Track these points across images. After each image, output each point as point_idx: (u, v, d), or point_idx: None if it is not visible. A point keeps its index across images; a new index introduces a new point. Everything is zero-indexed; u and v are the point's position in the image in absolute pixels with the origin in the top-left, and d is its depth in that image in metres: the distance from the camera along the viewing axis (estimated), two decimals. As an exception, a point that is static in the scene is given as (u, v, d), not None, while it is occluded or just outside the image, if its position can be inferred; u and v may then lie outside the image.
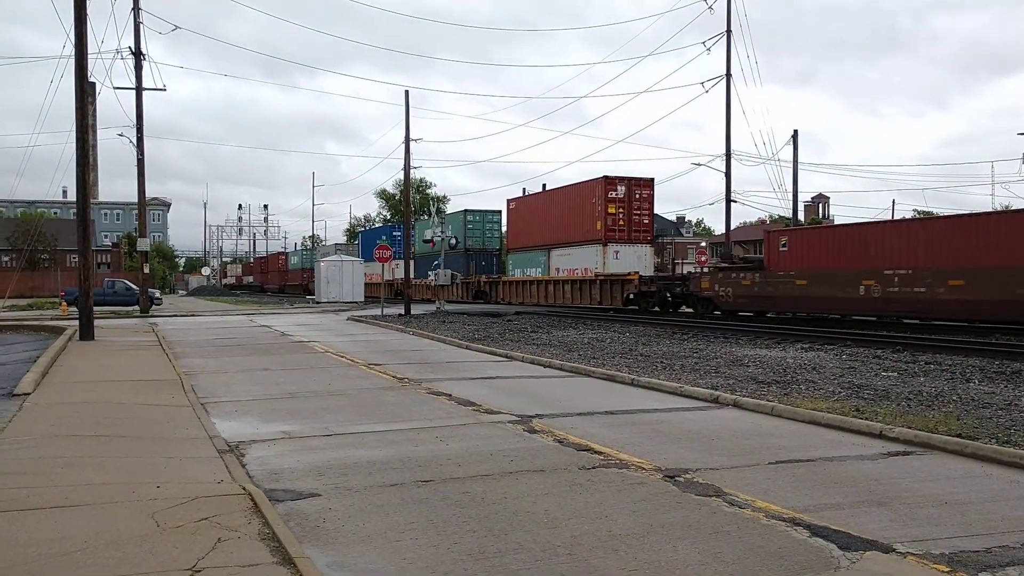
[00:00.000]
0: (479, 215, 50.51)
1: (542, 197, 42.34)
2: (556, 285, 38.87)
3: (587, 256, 36.31)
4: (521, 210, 44.59)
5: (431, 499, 6.70)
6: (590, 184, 36.48)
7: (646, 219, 36.06)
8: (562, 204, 38.96)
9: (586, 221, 36.28)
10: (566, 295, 38.08)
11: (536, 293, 40.85)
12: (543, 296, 40.11)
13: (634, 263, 35.01)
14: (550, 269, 39.89)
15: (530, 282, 41.48)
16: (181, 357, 18.32)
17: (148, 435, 9.28)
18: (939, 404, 10.81)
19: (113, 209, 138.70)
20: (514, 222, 45.27)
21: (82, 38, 22.83)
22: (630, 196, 35.41)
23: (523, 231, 43.65)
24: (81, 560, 5.09)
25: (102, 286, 47.83)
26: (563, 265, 38.71)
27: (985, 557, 5.33)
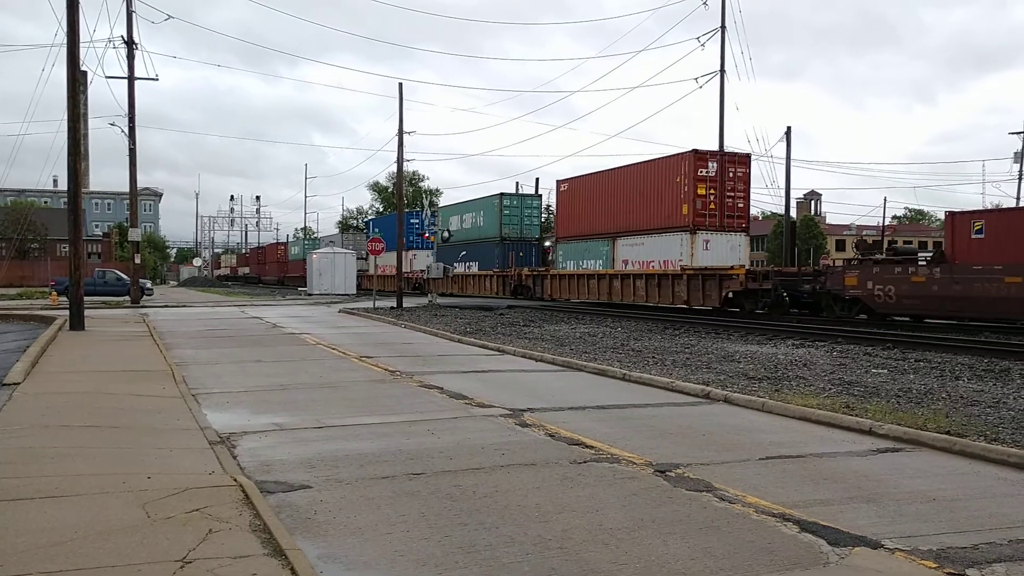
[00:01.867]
0: (516, 199, 45.21)
1: (604, 177, 35.69)
2: (624, 280, 33.01)
3: (668, 246, 30.81)
4: (575, 192, 37.76)
5: (422, 492, 6.70)
6: (673, 160, 30.76)
7: (741, 203, 30.55)
8: (633, 184, 32.99)
9: (667, 204, 30.75)
10: (638, 292, 32.16)
11: (596, 289, 34.83)
12: (605, 293, 34.28)
13: (726, 255, 29.80)
14: (615, 261, 33.99)
15: (587, 276, 35.47)
16: (172, 348, 18.28)
17: (139, 426, 9.26)
18: (928, 401, 10.86)
19: (104, 199, 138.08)
20: (565, 207, 38.54)
21: (74, 27, 22.71)
22: (722, 174, 29.88)
23: (578, 217, 37.17)
24: (71, 551, 5.08)
25: (93, 276, 47.62)
26: (634, 257, 32.89)
27: (972, 553, 5.37)
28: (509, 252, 43.27)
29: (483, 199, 46.56)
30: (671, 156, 30.98)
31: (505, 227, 43.68)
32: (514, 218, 43.90)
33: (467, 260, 47.50)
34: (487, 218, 44.79)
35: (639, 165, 33.16)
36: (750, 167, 30.80)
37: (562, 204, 39.08)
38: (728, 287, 27.93)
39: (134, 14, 37.92)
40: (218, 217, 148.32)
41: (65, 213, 27.50)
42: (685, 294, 29.66)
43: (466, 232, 47.94)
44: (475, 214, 46.70)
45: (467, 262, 47.44)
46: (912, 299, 23.47)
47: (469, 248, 47.18)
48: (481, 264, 45.53)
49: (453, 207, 51.89)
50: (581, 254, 36.72)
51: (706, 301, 28.99)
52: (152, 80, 39.51)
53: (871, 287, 24.41)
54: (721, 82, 40.95)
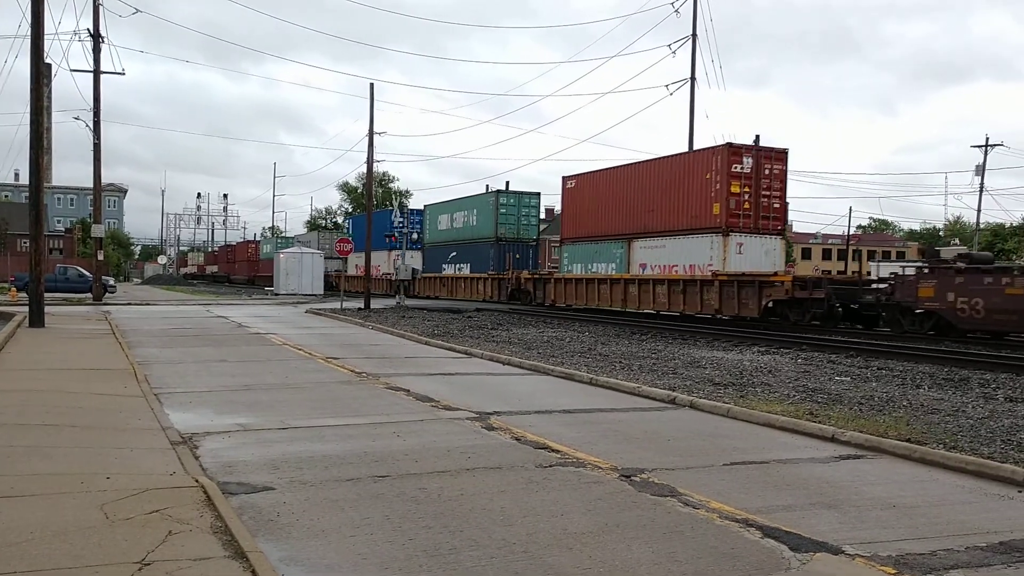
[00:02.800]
0: (514, 198, 41.75)
1: (619, 173, 32.67)
2: (642, 286, 30.21)
3: (695, 249, 28.09)
4: (584, 190, 34.65)
5: (387, 494, 6.66)
6: (703, 154, 28.35)
7: (777, 202, 27.83)
8: (653, 181, 30.26)
9: (695, 203, 28.08)
10: (659, 299, 29.43)
11: (609, 295, 32.05)
12: (619, 299, 31.46)
13: (760, 259, 27.31)
14: (631, 265, 31.31)
15: (598, 281, 32.72)
16: (135, 346, 18.02)
17: (99, 425, 9.11)
18: (890, 409, 11.01)
19: (67, 194, 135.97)
20: (572, 205, 35.59)
21: (39, 18, 22.34)
22: (758, 171, 27.28)
23: (587, 217, 34.25)
24: (26, 552, 4.98)
25: (54, 272, 46.85)
26: (653, 260, 30.20)
27: (931, 559, 5.44)
28: (506, 254, 40.38)
29: (477, 196, 44.13)
30: (700, 151, 28.57)
31: (501, 227, 40.92)
32: (511, 217, 41.30)
33: (457, 261, 44.95)
34: (481, 217, 42.22)
35: (661, 160, 30.55)
36: (787, 163, 28.08)
37: (568, 202, 36.08)
38: (769, 295, 25.19)
39: (101, 7, 37.43)
40: (184, 215, 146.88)
41: (26, 208, 27.03)
42: (716, 302, 26.71)
43: (457, 232, 45.39)
44: (467, 212, 44.10)
45: (457, 263, 44.94)
46: (1006, 315, 20.49)
47: (460, 249, 44.65)
48: (474, 266, 42.99)
49: (442, 205, 49.22)
50: (590, 257, 34.02)
51: (742, 310, 26.09)
52: (118, 74, 39.06)
53: (952, 300, 21.44)
54: (691, 89, 41.28)
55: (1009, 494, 7.15)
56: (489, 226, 41.37)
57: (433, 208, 49.76)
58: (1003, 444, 8.76)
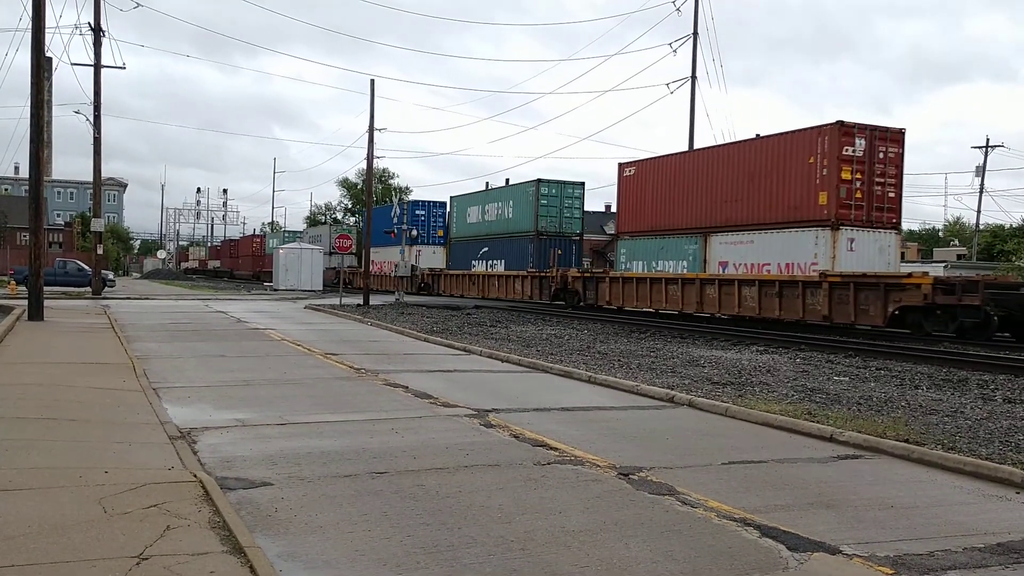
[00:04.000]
0: (556, 187, 37.73)
1: (692, 159, 29.27)
2: (724, 287, 26.01)
3: (794, 245, 24.38)
4: (646, 178, 30.93)
5: (385, 491, 6.67)
6: (805, 135, 24.32)
7: (892, 191, 24.02)
8: (739, 167, 26.53)
9: (794, 191, 24.43)
10: (745, 303, 25.16)
11: (679, 297, 27.80)
12: (693, 302, 27.23)
13: (873, 258, 23.72)
14: (707, 263, 27.66)
15: (665, 281, 28.64)
16: (133, 341, 18.02)
17: (98, 419, 9.11)
18: (888, 409, 11.01)
19: (67, 188, 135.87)
20: (631, 196, 31.71)
21: (39, 11, 22.31)
22: (871, 155, 23.56)
23: (650, 208, 30.62)
24: (23, 545, 4.98)
25: (53, 266, 46.83)
26: (738, 258, 26.51)
27: (928, 560, 5.45)
28: (550, 249, 36.52)
29: (513, 187, 40.37)
30: (802, 131, 24.57)
31: (542, 219, 37.02)
32: (552, 209, 37.42)
33: (490, 258, 41.40)
34: (518, 209, 38.52)
35: (748, 143, 26.89)
36: (903, 146, 24.30)
37: (626, 193, 32.14)
38: (898, 301, 21.06)
39: (102, 1, 37.37)
40: (183, 209, 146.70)
41: (26, 201, 27.01)
42: (824, 307, 22.62)
43: (489, 225, 41.70)
44: (502, 204, 40.44)
45: (490, 260, 41.36)
46: None
47: (493, 244, 40.99)
48: (509, 263, 39.27)
49: (471, 196, 45.59)
50: (654, 253, 30.39)
51: (860, 318, 22.05)
52: (119, 68, 39.00)
53: None
54: (692, 88, 41.26)
55: (1007, 495, 7.15)
56: (528, 219, 37.76)
57: (461, 200, 46.10)
58: (1001, 445, 8.77)
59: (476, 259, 42.42)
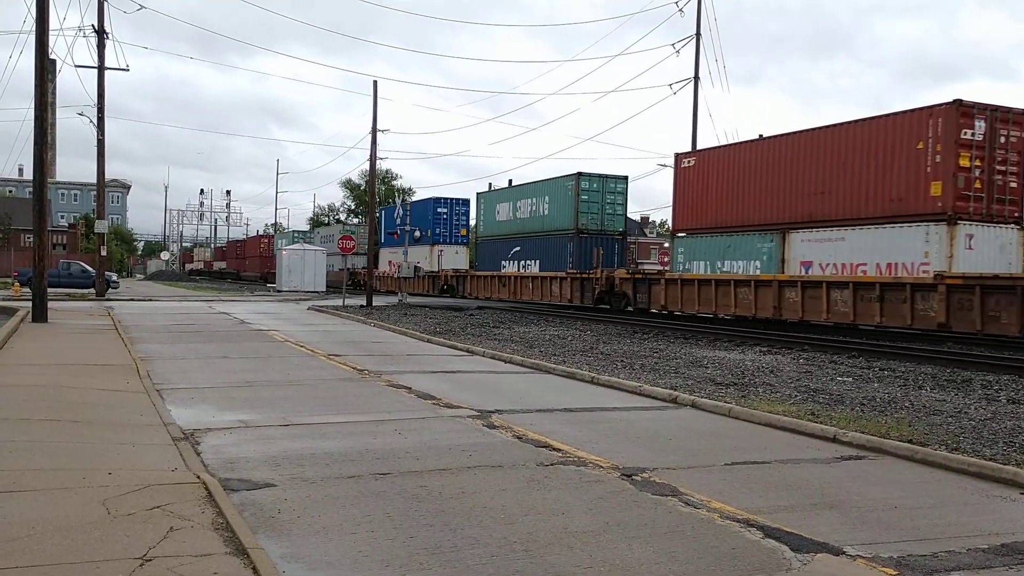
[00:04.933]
0: (597, 182, 34.72)
1: (765, 147, 26.37)
2: (808, 291, 23.10)
3: (898, 242, 21.42)
4: (709, 169, 28.29)
5: (388, 492, 6.67)
6: (912, 117, 21.34)
7: (1014, 181, 21.18)
8: (825, 155, 23.76)
9: (898, 181, 21.51)
10: (836, 307, 22.29)
11: (751, 301, 24.78)
12: (769, 307, 24.18)
13: (993, 257, 20.96)
14: (786, 263, 24.93)
15: (734, 283, 25.61)
16: (137, 342, 18.04)
17: (101, 421, 9.13)
18: (892, 410, 11.00)
19: (71, 189, 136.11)
20: (690, 189, 29.04)
21: (43, 14, 22.35)
22: (991, 139, 20.69)
23: (712, 202, 27.86)
24: (27, 547, 4.99)
25: (57, 267, 46.95)
26: (824, 257, 23.65)
27: (932, 561, 5.44)
28: (593, 248, 33.59)
29: (550, 181, 37.26)
30: (909, 112, 21.71)
31: (582, 216, 34.12)
32: (593, 205, 34.41)
33: (521, 258, 38.56)
34: (556, 205, 35.85)
35: (838, 128, 23.74)
36: None
37: (684, 186, 29.35)
38: None
39: (106, 3, 37.45)
40: (187, 211, 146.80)
41: (30, 203, 27.06)
42: (942, 314, 19.58)
43: (521, 223, 38.88)
44: (536, 200, 37.61)
45: (522, 260, 38.42)
46: None
47: (526, 243, 38.16)
48: (544, 263, 36.44)
49: (501, 192, 42.87)
50: (719, 252, 27.54)
51: (988, 326, 18.94)
52: (123, 70, 39.06)
53: None
54: (695, 88, 41.25)
55: (1011, 496, 7.14)
56: (567, 216, 34.84)
57: (488, 196, 43.35)
58: (1005, 446, 8.75)
59: (506, 259, 39.69)
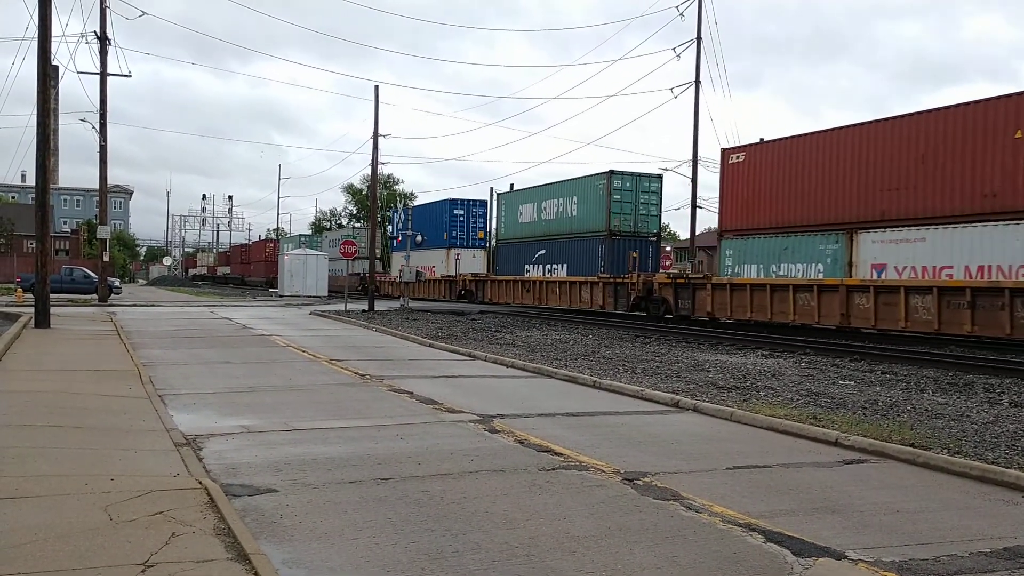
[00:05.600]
0: (630, 180, 33.13)
1: (828, 139, 24.13)
2: (882, 297, 21.16)
3: (992, 243, 19.55)
4: (760, 165, 26.26)
5: (390, 497, 6.67)
6: (1008, 103, 19.56)
7: None
8: (898, 147, 21.86)
9: (991, 174, 19.64)
10: (916, 315, 20.39)
11: (813, 309, 22.93)
12: (835, 314, 22.36)
13: None
14: (855, 266, 22.94)
15: (793, 288, 23.66)
16: (139, 348, 18.06)
17: (104, 426, 9.13)
18: (894, 414, 10.99)
19: (73, 195, 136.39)
20: (739, 186, 27.03)
21: (46, 21, 22.41)
22: None
23: (765, 200, 25.89)
24: (30, 553, 4.99)
25: (60, 273, 46.94)
26: (900, 259, 21.67)
27: (935, 565, 5.43)
28: (625, 251, 32.12)
29: (579, 180, 35.35)
30: (1000, 98, 19.85)
31: (615, 217, 32.39)
32: (626, 205, 32.78)
33: (548, 261, 36.83)
34: (585, 205, 34.11)
35: (916, 117, 21.80)
36: None
37: (733, 183, 27.33)
38: None
39: (108, 9, 37.54)
40: (189, 216, 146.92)
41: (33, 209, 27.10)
42: None
43: (547, 225, 37.14)
44: (563, 200, 35.89)
45: (548, 264, 36.75)
46: None
47: (552, 245, 36.49)
48: (573, 267, 34.79)
49: (524, 192, 40.57)
50: (774, 255, 25.52)
51: None
52: (125, 76, 39.12)
53: None
54: (696, 92, 41.26)
55: (1014, 499, 7.13)
56: (598, 217, 33.09)
57: (510, 197, 41.39)
58: (1007, 449, 8.75)
59: (530, 263, 37.87)
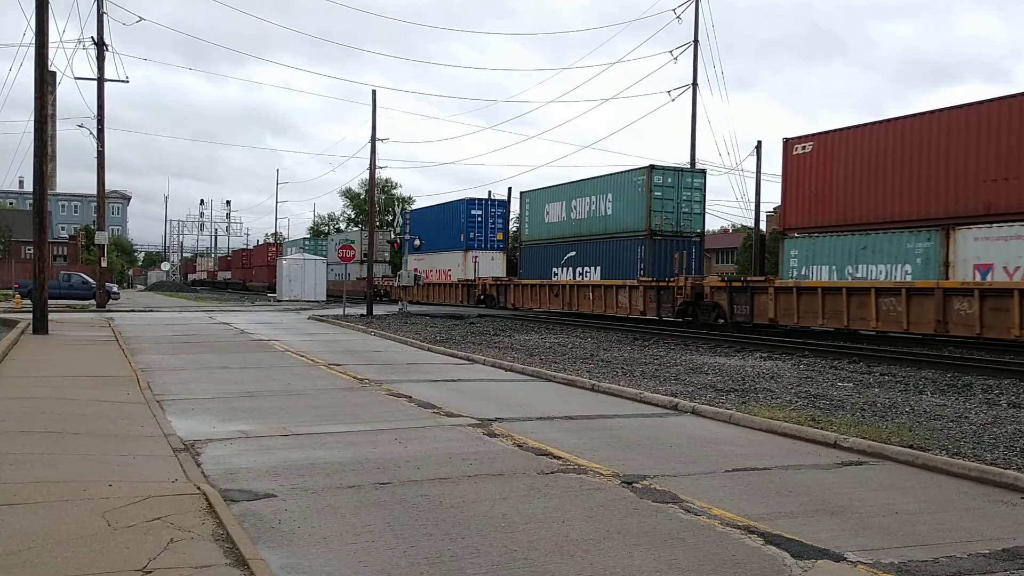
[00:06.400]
0: (672, 175, 31.03)
1: (917, 124, 21.98)
2: (988, 301, 18.72)
3: None
4: (833, 154, 23.93)
5: (388, 501, 6.67)
6: None
7: None
8: (1006, 131, 19.76)
9: None
10: None
11: (902, 314, 20.34)
12: (929, 320, 19.90)
13: None
14: (950, 266, 20.72)
15: (875, 291, 21.08)
16: (138, 353, 18.04)
17: (102, 432, 9.12)
18: (892, 415, 10.99)
19: (71, 201, 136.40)
20: (805, 179, 24.78)
21: (43, 27, 22.42)
22: None
23: (839, 194, 23.58)
24: (28, 559, 4.99)
25: (58, 279, 46.98)
26: (1007, 260, 19.48)
27: (933, 567, 5.43)
28: (670, 252, 29.92)
29: (615, 176, 33.05)
30: None
31: (656, 216, 30.18)
32: (668, 203, 30.54)
33: (578, 264, 34.52)
34: (623, 203, 31.74)
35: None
36: None
37: (799, 176, 24.96)
38: None
39: (105, 15, 37.57)
40: (187, 221, 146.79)
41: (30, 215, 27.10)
42: None
43: (578, 224, 34.68)
44: (597, 198, 33.49)
45: (579, 266, 34.42)
46: None
47: (583, 247, 34.19)
48: (607, 270, 32.45)
49: (551, 190, 37.65)
50: (850, 255, 23.10)
51: None
52: (123, 82, 39.14)
53: None
54: (693, 96, 41.33)
55: (1012, 500, 7.14)
56: (637, 215, 30.79)
57: (535, 195, 38.69)
58: (1006, 450, 8.75)
59: (559, 266, 35.55)
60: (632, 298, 29.98)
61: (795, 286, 23.56)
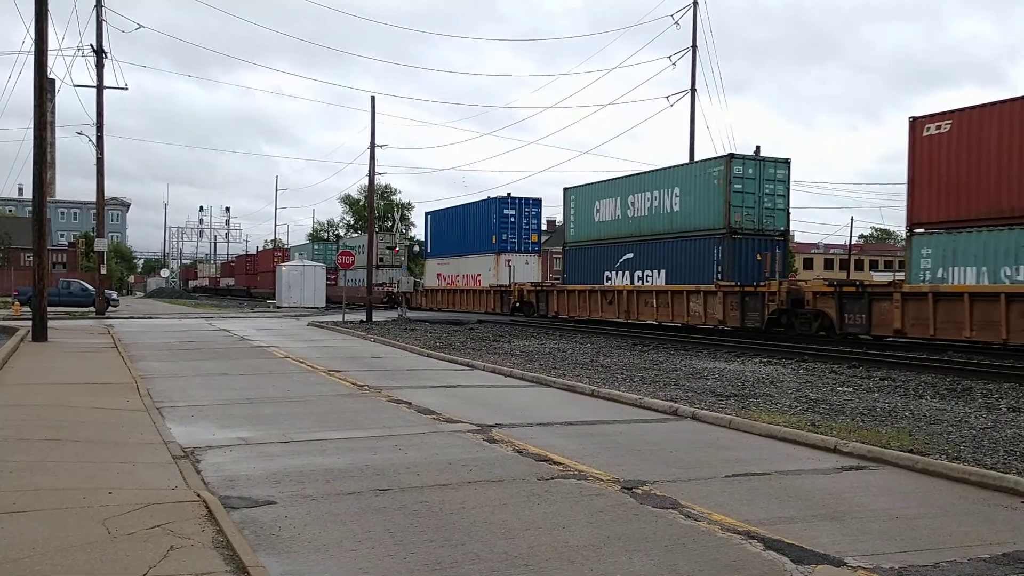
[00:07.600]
0: (753, 166, 26.43)
1: None
2: None
3: None
4: (978, 134, 19.83)
5: (389, 508, 6.66)
6: None
7: None
8: None
9: None
10: None
11: None
12: None
13: None
14: None
15: None
16: (137, 360, 18.04)
17: (101, 439, 9.12)
18: (892, 420, 10.99)
19: (71, 208, 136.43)
20: (941, 164, 20.75)
21: (42, 35, 22.45)
22: None
23: (988, 181, 19.54)
24: (28, 567, 4.98)
25: (57, 286, 46.95)
26: None
27: (933, 572, 5.43)
28: (751, 252, 26.24)
29: (685, 167, 29.44)
30: None
31: (735, 211, 26.05)
32: (749, 197, 26.34)
33: (637, 268, 30.13)
34: (692, 197, 27.65)
35: None
36: None
37: (931, 161, 21.02)
38: None
39: (104, 23, 37.63)
40: (186, 228, 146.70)
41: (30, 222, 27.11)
42: None
43: (636, 223, 30.34)
44: (659, 193, 29.18)
45: (636, 270, 30.16)
46: None
47: (643, 248, 29.86)
48: (674, 274, 28.28)
49: (604, 185, 32.85)
50: (1004, 254, 19.18)
51: None
52: (122, 89, 39.19)
53: None
54: (692, 101, 41.35)
55: (1012, 505, 7.13)
56: (712, 211, 26.78)
57: (582, 192, 34.10)
58: (1006, 455, 8.75)
59: (613, 269, 31.48)
60: (708, 305, 26.04)
61: (929, 291, 19.67)
